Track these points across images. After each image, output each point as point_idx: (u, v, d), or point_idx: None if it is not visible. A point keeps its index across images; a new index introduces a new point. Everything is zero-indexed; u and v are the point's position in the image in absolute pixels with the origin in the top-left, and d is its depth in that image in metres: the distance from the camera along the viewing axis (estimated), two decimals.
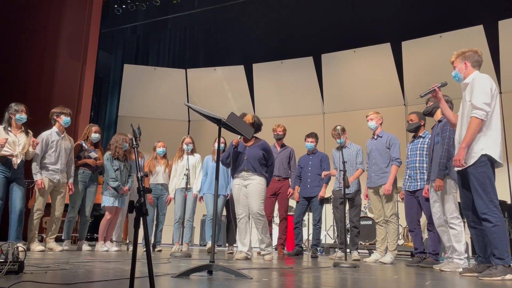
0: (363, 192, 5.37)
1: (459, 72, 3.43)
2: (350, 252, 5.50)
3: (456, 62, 3.45)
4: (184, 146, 5.85)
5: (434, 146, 4.19)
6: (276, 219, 6.88)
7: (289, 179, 6.04)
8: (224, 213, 6.30)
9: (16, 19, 8.50)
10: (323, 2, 9.69)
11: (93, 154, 5.57)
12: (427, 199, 4.46)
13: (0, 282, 2.04)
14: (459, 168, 3.29)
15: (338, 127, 4.93)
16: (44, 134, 5.15)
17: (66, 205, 5.50)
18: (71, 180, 5.34)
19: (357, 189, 5.49)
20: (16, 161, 4.69)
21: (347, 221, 5.54)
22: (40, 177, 4.99)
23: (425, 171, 4.62)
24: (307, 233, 7.62)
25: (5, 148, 4.62)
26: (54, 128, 5.25)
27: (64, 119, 5.29)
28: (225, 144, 5.82)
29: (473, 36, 8.10)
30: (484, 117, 3.12)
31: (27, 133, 4.90)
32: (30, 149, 4.86)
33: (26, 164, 4.93)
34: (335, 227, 7.75)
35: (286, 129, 6.18)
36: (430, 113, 4.43)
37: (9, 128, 4.75)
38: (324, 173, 5.74)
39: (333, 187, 5.67)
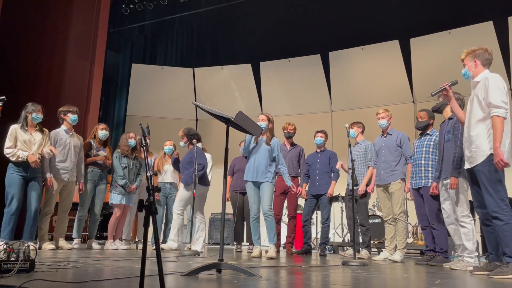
0: (369, 188, 5.33)
1: (469, 70, 3.41)
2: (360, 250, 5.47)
3: (466, 60, 3.43)
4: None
5: (444, 144, 4.15)
6: (285, 218, 6.87)
7: (299, 178, 6.04)
8: (231, 211, 6.29)
9: (25, 19, 8.56)
10: (330, 0, 9.65)
11: (102, 153, 5.60)
12: (433, 197, 4.43)
13: (12, 280, 2.07)
14: (469, 167, 3.27)
15: (346, 125, 4.91)
16: (53, 133, 5.17)
17: (76, 204, 5.54)
18: (82, 180, 5.37)
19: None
20: (33, 159, 4.72)
21: (358, 219, 5.51)
22: (50, 176, 5.01)
23: (430, 169, 4.59)
24: (315, 231, 7.60)
25: (21, 148, 4.65)
26: (63, 127, 5.28)
27: (71, 117, 5.30)
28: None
29: (483, 33, 8.00)
30: (505, 115, 3.10)
31: (42, 132, 4.94)
32: (46, 150, 4.85)
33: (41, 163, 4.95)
34: (343, 225, 7.73)
35: (296, 127, 6.18)
36: (438, 109, 4.39)
37: (25, 127, 4.79)
38: (339, 163, 5.68)
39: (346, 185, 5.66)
